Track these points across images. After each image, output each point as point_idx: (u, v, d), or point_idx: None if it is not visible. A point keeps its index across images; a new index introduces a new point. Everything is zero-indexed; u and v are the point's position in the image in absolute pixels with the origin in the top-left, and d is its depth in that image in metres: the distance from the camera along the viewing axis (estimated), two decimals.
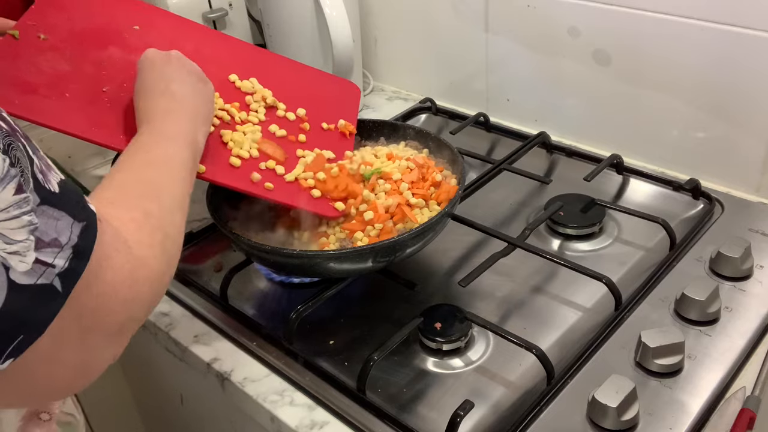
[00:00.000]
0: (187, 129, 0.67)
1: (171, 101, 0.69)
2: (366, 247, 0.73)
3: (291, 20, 1.13)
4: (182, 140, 0.65)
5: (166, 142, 0.64)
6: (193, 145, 0.67)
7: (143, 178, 0.58)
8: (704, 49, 0.89)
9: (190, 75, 0.73)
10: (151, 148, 0.63)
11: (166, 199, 0.57)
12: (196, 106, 0.70)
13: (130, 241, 0.48)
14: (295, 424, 0.69)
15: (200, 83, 0.73)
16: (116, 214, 0.49)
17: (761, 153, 0.90)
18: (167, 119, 0.67)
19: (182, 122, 0.68)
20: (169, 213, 0.56)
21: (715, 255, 0.79)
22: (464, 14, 1.12)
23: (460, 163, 0.84)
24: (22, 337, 0.37)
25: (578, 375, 0.69)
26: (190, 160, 0.65)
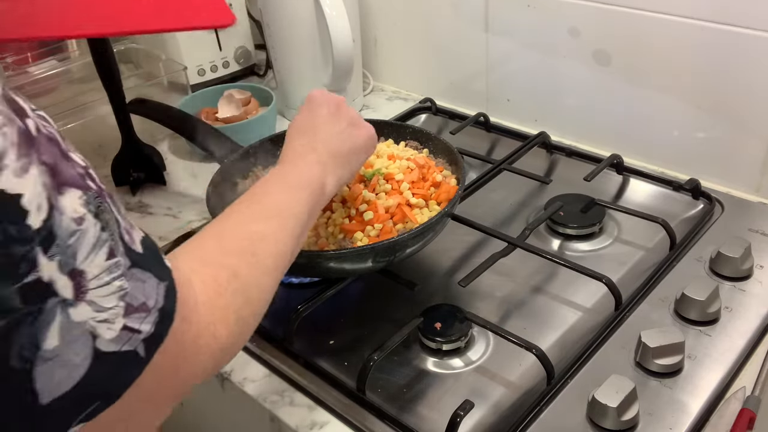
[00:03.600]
0: (315, 175, 0.63)
1: (310, 141, 0.67)
2: (366, 247, 0.73)
3: (291, 20, 1.13)
4: (305, 188, 0.61)
5: (287, 191, 0.60)
6: (316, 192, 0.62)
7: (245, 232, 0.54)
8: (704, 49, 0.89)
9: (341, 118, 0.71)
10: (266, 196, 0.59)
11: (262, 257, 0.52)
12: (335, 149, 0.67)
13: (201, 303, 0.44)
14: (295, 424, 0.69)
15: (352, 128, 0.71)
16: (201, 270, 0.46)
17: (761, 153, 0.90)
18: (298, 163, 0.64)
19: (312, 167, 0.64)
20: (259, 273, 0.51)
21: (715, 255, 0.79)
22: (464, 14, 1.12)
23: (461, 163, 0.84)
24: (98, 403, 0.36)
25: (578, 375, 0.69)
26: (305, 213, 0.59)
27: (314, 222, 0.63)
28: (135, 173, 1.07)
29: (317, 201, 0.63)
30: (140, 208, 1.04)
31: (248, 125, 1.10)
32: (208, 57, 1.29)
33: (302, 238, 0.60)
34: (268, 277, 0.52)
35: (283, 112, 1.26)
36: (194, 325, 0.43)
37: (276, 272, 0.54)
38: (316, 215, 0.63)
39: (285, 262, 0.56)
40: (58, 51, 1.31)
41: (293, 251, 0.57)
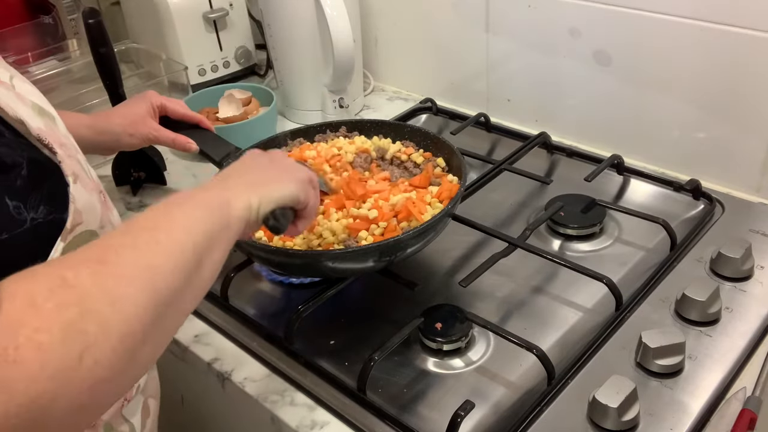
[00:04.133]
0: (215, 195, 0.57)
1: (223, 176, 0.63)
2: (369, 246, 0.73)
3: (291, 20, 1.13)
4: (199, 204, 0.54)
5: (175, 207, 0.53)
6: (215, 209, 0.55)
7: (103, 245, 0.46)
8: (704, 49, 0.89)
9: (269, 158, 0.67)
10: (145, 215, 0.51)
11: (115, 266, 0.43)
12: (248, 179, 0.62)
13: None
14: (296, 424, 0.69)
15: (276, 167, 0.66)
16: (15, 285, 0.39)
17: (762, 153, 0.90)
18: (198, 190, 0.58)
19: (215, 190, 0.59)
20: (109, 282, 0.42)
21: (715, 255, 0.79)
22: (465, 14, 1.12)
23: (462, 163, 0.84)
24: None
25: (579, 375, 0.69)
26: (198, 227, 0.51)
27: (226, 239, 0.55)
28: (135, 173, 1.07)
29: (219, 217, 0.54)
30: (141, 208, 1.04)
31: (249, 125, 1.10)
32: (208, 57, 1.29)
33: (206, 256, 0.51)
34: (127, 285, 0.43)
35: (284, 112, 1.26)
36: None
37: (140, 281, 0.44)
38: (221, 233, 0.54)
39: (160, 274, 0.46)
40: (58, 51, 1.31)
41: (179, 264, 0.48)
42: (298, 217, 0.66)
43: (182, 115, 0.96)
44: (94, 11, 0.97)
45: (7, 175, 0.46)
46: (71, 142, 0.56)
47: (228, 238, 0.55)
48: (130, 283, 0.43)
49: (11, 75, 0.54)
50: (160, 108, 0.95)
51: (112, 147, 0.96)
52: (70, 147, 0.54)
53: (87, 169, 0.56)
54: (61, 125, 0.57)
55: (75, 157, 0.54)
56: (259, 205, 0.59)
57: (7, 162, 0.46)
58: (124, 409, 0.60)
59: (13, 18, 1.31)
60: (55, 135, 0.52)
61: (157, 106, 0.94)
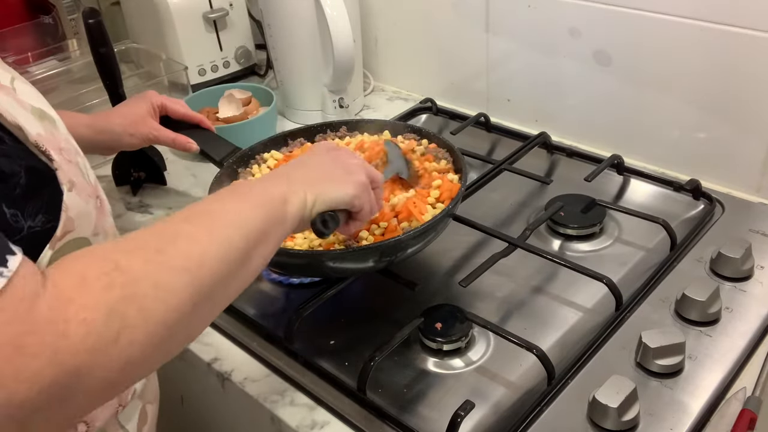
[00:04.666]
0: (275, 190, 0.58)
1: (288, 168, 0.63)
2: (369, 246, 0.73)
3: (291, 20, 1.13)
4: (257, 198, 0.56)
5: (234, 198, 0.56)
6: (272, 205, 0.56)
7: (158, 231, 0.49)
8: (704, 50, 0.89)
9: (332, 158, 0.67)
10: (203, 203, 0.54)
11: (169, 255, 0.46)
12: (308, 176, 0.63)
13: (47, 298, 0.39)
14: (296, 424, 0.69)
15: (338, 167, 0.65)
16: (71, 264, 0.42)
17: (762, 153, 0.90)
18: (259, 181, 0.60)
19: (275, 184, 0.60)
20: (159, 270, 0.45)
21: (715, 255, 0.79)
22: (465, 14, 1.12)
23: (462, 163, 0.84)
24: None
25: (579, 375, 0.69)
26: (252, 222, 0.53)
27: (279, 234, 0.57)
28: (136, 173, 1.07)
29: (275, 213, 0.56)
30: (141, 208, 1.04)
31: (249, 125, 1.10)
32: (208, 57, 1.29)
33: (256, 250, 0.53)
34: (175, 276, 0.45)
35: (284, 112, 1.26)
36: (22, 320, 0.38)
37: (188, 274, 0.46)
38: (275, 228, 0.56)
39: (209, 268, 0.48)
40: (58, 51, 1.31)
41: (229, 259, 0.50)
42: (352, 218, 0.67)
43: (183, 115, 0.96)
44: (94, 11, 0.97)
45: (5, 184, 0.46)
46: (72, 145, 0.56)
47: (281, 233, 0.57)
48: (178, 274, 0.46)
49: (12, 77, 0.54)
50: (161, 108, 0.95)
51: (113, 147, 0.96)
52: (71, 150, 0.54)
53: (86, 172, 0.56)
54: (62, 128, 0.57)
55: (74, 161, 0.53)
56: (313, 203, 0.61)
57: (6, 171, 0.46)
58: (120, 415, 0.59)
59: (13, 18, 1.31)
60: (55, 140, 0.52)
61: (158, 105, 0.94)
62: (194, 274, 0.47)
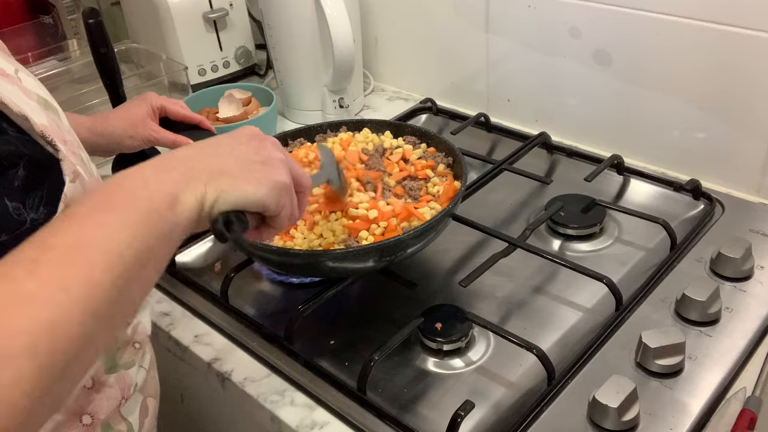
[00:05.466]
0: (166, 185, 0.48)
1: (198, 148, 0.54)
2: (370, 246, 0.73)
3: (291, 20, 1.13)
4: (135, 208, 0.45)
5: (103, 214, 0.43)
6: (155, 215, 0.45)
7: (13, 270, 0.38)
8: (704, 50, 0.89)
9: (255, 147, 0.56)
10: (71, 221, 0.42)
11: (7, 330, 0.36)
12: (228, 160, 0.53)
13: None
14: (296, 424, 0.69)
15: (258, 161, 0.54)
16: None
17: (762, 153, 0.90)
18: (159, 166, 0.50)
19: (172, 172, 0.49)
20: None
21: (715, 255, 0.79)
22: (465, 14, 1.12)
23: (462, 163, 0.84)
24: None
25: (579, 375, 0.69)
26: (128, 247, 0.42)
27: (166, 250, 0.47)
28: None
29: (159, 225, 0.45)
30: None
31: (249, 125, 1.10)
32: (208, 57, 1.29)
33: (133, 282, 0.43)
34: (13, 366, 0.35)
35: (284, 112, 1.26)
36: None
37: (37, 357, 0.36)
38: (161, 244, 0.46)
39: (72, 333, 0.38)
40: (58, 51, 1.31)
41: (94, 310, 0.39)
42: (265, 223, 0.57)
43: (182, 116, 0.96)
44: (94, 11, 0.97)
45: (4, 177, 0.46)
46: (74, 138, 0.56)
47: (169, 246, 0.47)
48: (14, 362, 0.35)
49: (16, 68, 0.54)
50: (160, 109, 0.95)
51: (113, 149, 0.96)
52: (73, 143, 0.54)
53: (89, 166, 0.56)
54: (65, 120, 0.57)
55: (78, 153, 0.53)
56: (213, 202, 0.50)
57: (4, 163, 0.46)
58: (122, 408, 0.60)
59: (13, 18, 1.31)
60: (60, 131, 0.52)
61: (157, 107, 0.94)
62: (41, 353, 0.36)
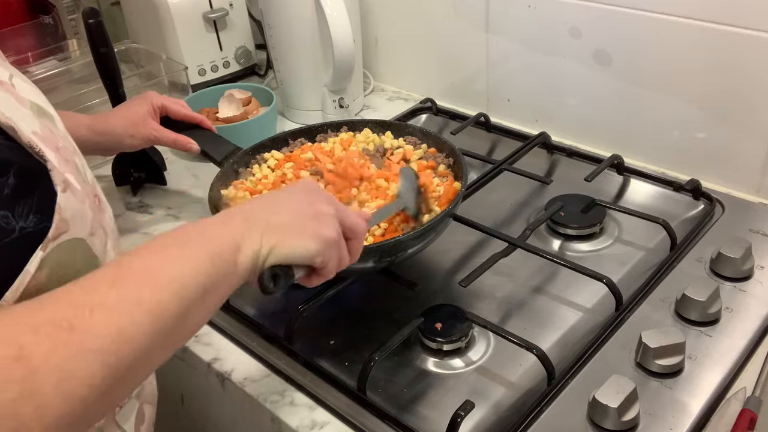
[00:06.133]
0: (230, 232, 0.51)
1: (254, 202, 0.56)
2: (370, 246, 0.73)
3: (291, 20, 1.13)
4: (205, 247, 0.48)
5: (177, 247, 0.48)
6: (220, 256, 0.49)
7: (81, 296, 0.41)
8: (704, 50, 0.89)
9: (308, 203, 0.58)
10: (149, 251, 0.47)
11: (84, 332, 0.39)
12: (274, 221, 0.54)
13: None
14: (296, 424, 0.69)
15: (309, 218, 0.56)
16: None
17: (762, 153, 0.90)
18: (223, 216, 0.53)
19: (234, 222, 0.52)
20: (69, 358, 0.38)
21: (715, 255, 0.79)
22: (465, 14, 1.12)
23: (462, 163, 0.84)
24: None
25: (579, 375, 0.69)
26: (195, 277, 0.46)
27: (225, 289, 0.50)
28: (136, 173, 1.07)
29: (222, 266, 0.49)
30: (141, 208, 1.04)
31: (249, 125, 1.10)
32: (208, 57, 1.29)
33: (195, 311, 0.46)
34: (86, 362, 0.39)
35: (284, 112, 1.26)
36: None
37: (102, 357, 0.40)
38: (222, 282, 0.49)
39: (130, 345, 0.41)
40: (58, 51, 1.31)
41: (159, 329, 0.43)
42: (315, 272, 0.59)
43: (183, 116, 0.96)
44: (94, 11, 0.97)
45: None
46: (69, 143, 0.56)
47: (228, 288, 0.50)
48: (90, 359, 0.39)
49: (11, 74, 0.54)
50: (161, 108, 0.95)
51: (113, 148, 0.96)
52: (68, 149, 0.54)
53: (84, 171, 0.56)
54: (61, 126, 0.56)
55: (72, 160, 0.53)
56: (267, 255, 0.53)
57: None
58: (117, 415, 0.59)
59: (13, 18, 1.31)
60: (52, 137, 0.52)
61: (158, 106, 0.94)
62: (111, 355, 0.40)
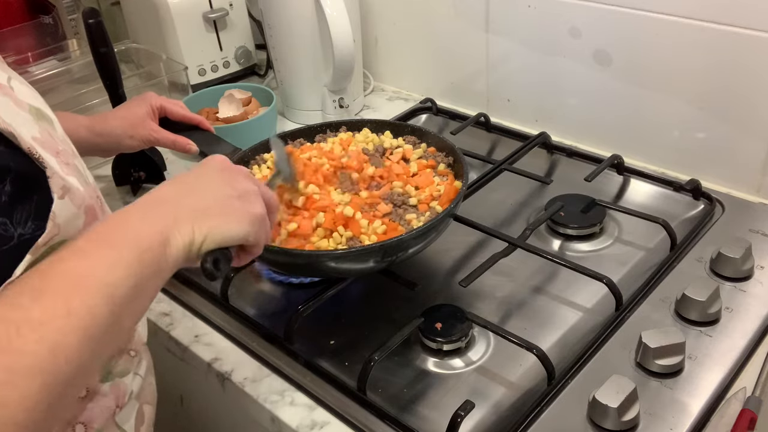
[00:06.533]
0: (158, 226, 0.51)
1: (178, 190, 0.56)
2: (371, 246, 0.73)
3: (291, 20, 1.13)
4: (132, 244, 0.48)
5: (102, 248, 0.47)
6: (148, 252, 0.49)
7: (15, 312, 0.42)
8: (704, 50, 0.89)
9: (230, 183, 0.58)
10: (72, 254, 0.46)
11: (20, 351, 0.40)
12: (209, 197, 0.55)
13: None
14: (296, 424, 0.69)
15: (236, 197, 0.57)
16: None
17: (762, 153, 0.90)
18: (149, 208, 0.53)
19: (161, 215, 0.52)
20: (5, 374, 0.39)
21: (715, 255, 0.79)
22: (465, 14, 1.12)
23: (463, 163, 0.84)
24: None
25: (579, 375, 0.69)
26: (124, 278, 0.46)
27: (155, 286, 0.50)
28: (135, 173, 1.07)
29: (151, 263, 0.49)
30: None
31: (249, 125, 1.10)
32: (208, 57, 1.29)
33: (127, 311, 0.47)
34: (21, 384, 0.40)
35: (284, 112, 1.26)
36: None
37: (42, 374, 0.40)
38: (152, 280, 0.49)
39: (67, 353, 0.42)
40: (58, 51, 1.31)
41: (91, 334, 0.43)
42: (244, 250, 0.59)
43: (182, 117, 0.96)
44: (94, 11, 0.97)
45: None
46: (69, 146, 0.55)
47: (158, 282, 0.50)
48: (22, 380, 0.40)
49: (9, 77, 0.54)
50: (160, 109, 0.95)
51: (112, 149, 0.96)
52: (68, 152, 0.53)
53: (85, 174, 0.55)
54: (59, 129, 0.56)
55: (72, 163, 0.53)
56: (202, 242, 0.53)
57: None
58: (117, 416, 0.59)
59: (13, 18, 1.31)
60: (52, 141, 0.51)
61: (157, 107, 0.94)
62: (45, 372, 0.41)
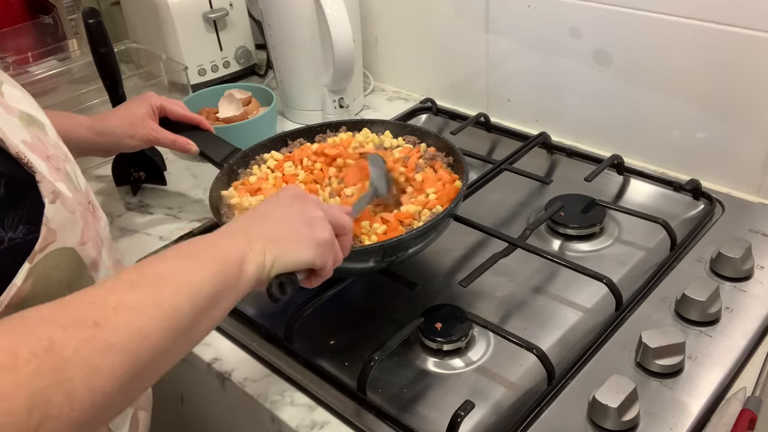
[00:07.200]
0: (235, 247, 0.55)
1: (249, 219, 0.60)
2: (372, 246, 0.73)
3: (291, 20, 1.13)
4: (213, 258, 0.53)
5: (188, 258, 0.52)
6: (227, 267, 0.53)
7: (100, 299, 0.45)
8: (704, 50, 0.89)
9: (299, 211, 0.62)
10: (155, 263, 0.50)
11: (109, 331, 0.43)
12: (273, 233, 0.59)
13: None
14: (296, 424, 0.69)
15: (304, 224, 0.61)
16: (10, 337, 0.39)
17: (762, 153, 0.90)
18: (218, 236, 0.57)
19: (235, 240, 0.56)
20: (96, 350, 0.42)
21: (715, 255, 0.79)
22: (465, 14, 1.12)
23: (463, 162, 0.84)
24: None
25: (579, 375, 0.69)
26: (206, 286, 0.50)
27: (232, 299, 0.54)
28: (135, 173, 1.07)
29: (229, 276, 0.53)
30: (141, 208, 1.04)
31: (249, 125, 1.10)
32: (208, 57, 1.29)
33: (204, 317, 0.50)
34: (111, 356, 0.42)
35: (284, 112, 1.26)
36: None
37: (125, 352, 0.43)
38: (229, 292, 0.53)
39: (149, 343, 0.45)
40: (58, 51, 1.31)
41: (174, 330, 0.47)
42: (314, 273, 0.63)
43: (182, 116, 0.96)
44: (94, 11, 0.97)
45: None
46: (61, 150, 0.55)
47: (234, 298, 0.54)
48: (115, 354, 0.43)
49: (1, 81, 0.54)
50: (160, 109, 0.95)
51: (112, 149, 0.96)
52: (59, 157, 0.53)
53: (76, 179, 0.55)
54: (52, 133, 0.56)
55: (63, 168, 0.52)
56: (272, 266, 0.57)
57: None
58: (111, 423, 0.59)
59: (13, 18, 1.31)
60: (42, 146, 0.51)
61: (157, 107, 0.94)
62: (132, 352, 0.44)
